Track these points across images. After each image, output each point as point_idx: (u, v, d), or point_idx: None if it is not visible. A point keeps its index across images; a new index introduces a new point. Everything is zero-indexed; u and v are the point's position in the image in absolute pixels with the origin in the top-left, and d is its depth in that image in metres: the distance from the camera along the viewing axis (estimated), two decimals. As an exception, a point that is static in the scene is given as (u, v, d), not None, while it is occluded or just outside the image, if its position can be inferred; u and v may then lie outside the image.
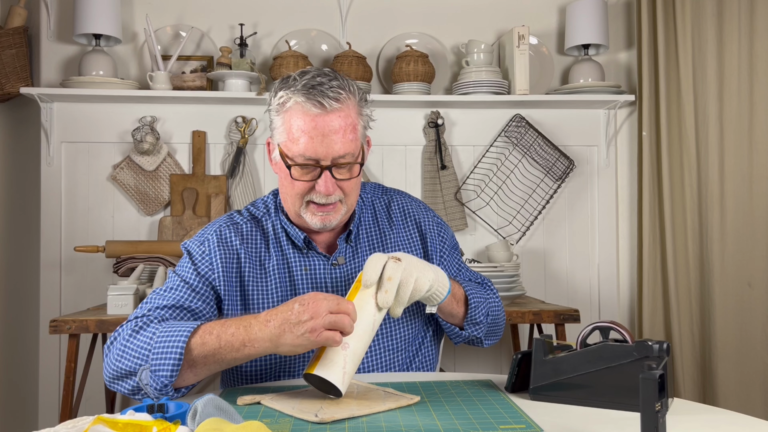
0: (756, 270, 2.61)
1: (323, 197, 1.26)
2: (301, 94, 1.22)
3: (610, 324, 1.08)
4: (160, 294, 1.28)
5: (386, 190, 1.49)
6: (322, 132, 1.22)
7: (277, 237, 1.36)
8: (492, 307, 1.42)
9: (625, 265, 2.98)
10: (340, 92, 1.23)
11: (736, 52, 2.67)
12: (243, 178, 2.81)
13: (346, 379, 1.07)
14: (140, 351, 1.14)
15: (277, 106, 1.27)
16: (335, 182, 1.26)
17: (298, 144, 1.23)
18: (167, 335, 1.12)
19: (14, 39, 2.64)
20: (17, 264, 2.80)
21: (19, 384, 2.78)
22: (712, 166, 2.67)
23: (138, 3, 2.84)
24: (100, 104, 2.76)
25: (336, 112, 1.23)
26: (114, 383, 1.18)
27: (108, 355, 1.20)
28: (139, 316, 1.23)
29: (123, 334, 1.19)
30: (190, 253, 1.34)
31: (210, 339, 1.12)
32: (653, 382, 0.81)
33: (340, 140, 1.23)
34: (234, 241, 1.34)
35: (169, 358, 1.10)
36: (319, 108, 1.21)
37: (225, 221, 1.37)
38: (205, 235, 1.35)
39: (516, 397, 1.12)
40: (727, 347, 2.62)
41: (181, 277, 1.30)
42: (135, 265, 2.41)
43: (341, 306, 1.07)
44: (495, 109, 2.91)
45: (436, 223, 1.48)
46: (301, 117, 1.23)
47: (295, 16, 2.90)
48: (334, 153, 1.23)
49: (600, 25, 2.80)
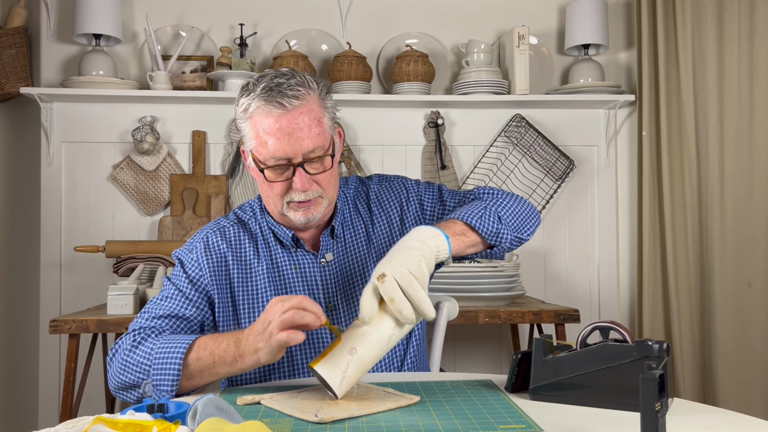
0: (756, 270, 2.61)
1: (301, 194, 1.28)
2: (261, 98, 1.24)
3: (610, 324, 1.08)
4: (157, 303, 1.32)
5: (363, 181, 1.49)
6: (288, 131, 1.23)
7: (265, 238, 1.38)
8: (499, 206, 1.33)
9: (625, 265, 2.98)
10: (299, 89, 1.24)
11: (736, 52, 2.66)
12: (243, 178, 2.81)
13: (345, 383, 1.06)
14: (141, 366, 1.20)
15: (241, 113, 1.28)
16: (310, 178, 1.27)
17: (267, 147, 1.24)
18: (165, 351, 1.17)
19: (14, 39, 2.64)
20: (17, 264, 2.80)
21: (19, 384, 2.78)
22: (712, 166, 2.67)
23: (138, 3, 2.84)
24: (100, 104, 2.76)
25: (298, 110, 1.24)
26: (119, 394, 1.25)
27: (111, 367, 1.25)
28: (137, 329, 1.27)
29: (123, 347, 1.23)
30: (181, 261, 1.37)
31: (204, 354, 1.16)
32: (653, 382, 0.81)
33: (306, 136, 1.24)
34: (221, 246, 1.36)
35: (168, 374, 1.15)
36: (281, 108, 1.23)
37: (212, 227, 1.40)
38: (193, 243, 1.38)
39: (516, 397, 1.12)
40: (727, 347, 2.62)
41: (176, 286, 1.34)
42: (135, 265, 2.41)
43: (293, 302, 1.07)
44: (495, 109, 2.91)
45: (406, 187, 1.45)
46: (264, 120, 1.24)
47: (295, 16, 2.90)
48: (303, 149, 1.24)
49: (600, 25, 2.80)
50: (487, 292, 2.32)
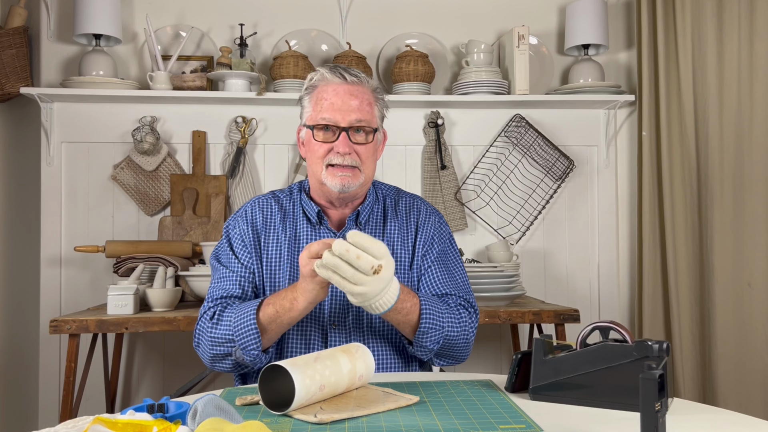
0: (756, 270, 2.61)
1: (340, 157, 1.42)
2: (326, 69, 1.45)
3: (610, 324, 1.08)
4: (216, 286, 1.48)
5: (399, 191, 1.61)
6: (342, 98, 1.43)
7: (295, 214, 1.52)
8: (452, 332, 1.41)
9: (625, 265, 2.98)
10: (359, 74, 1.46)
11: (736, 52, 2.66)
12: (243, 178, 2.81)
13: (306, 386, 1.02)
14: (226, 337, 1.36)
15: (307, 88, 1.48)
16: (351, 144, 1.42)
17: (322, 108, 1.43)
18: (240, 318, 1.35)
19: (14, 39, 2.64)
20: (17, 264, 2.80)
21: (19, 384, 2.78)
22: (712, 166, 2.67)
23: (138, 3, 2.84)
24: (100, 104, 2.76)
25: (355, 86, 1.45)
26: (215, 366, 1.42)
27: (200, 348, 1.43)
28: (207, 310, 1.43)
29: (205, 328, 1.40)
30: (229, 238, 1.52)
31: (269, 309, 1.34)
32: (653, 382, 0.81)
33: (357, 106, 1.43)
34: (257, 218, 1.52)
35: (250, 334, 1.33)
36: (341, 79, 1.44)
37: (251, 202, 1.56)
38: (236, 218, 1.54)
39: (516, 397, 1.12)
40: (727, 347, 2.62)
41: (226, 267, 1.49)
42: (135, 265, 2.41)
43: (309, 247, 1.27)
44: (495, 109, 2.91)
45: (436, 228, 1.55)
46: (325, 87, 1.44)
47: (295, 16, 2.90)
48: (351, 117, 1.42)
49: (600, 25, 2.80)
50: (487, 292, 2.32)
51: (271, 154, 2.85)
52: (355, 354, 1.14)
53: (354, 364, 1.12)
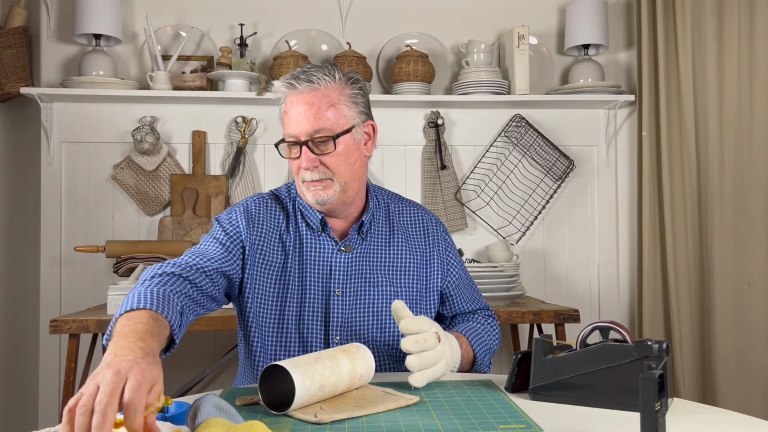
0: (756, 270, 2.61)
1: (306, 173, 1.36)
2: (282, 81, 1.37)
3: (610, 324, 1.08)
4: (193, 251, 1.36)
5: (402, 199, 1.57)
6: (297, 109, 1.35)
7: (296, 216, 1.46)
8: (494, 346, 1.51)
9: (625, 265, 2.98)
10: (316, 75, 1.35)
11: (736, 52, 2.67)
12: (243, 178, 2.81)
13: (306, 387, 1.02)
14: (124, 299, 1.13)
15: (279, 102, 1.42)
16: (315, 158, 1.35)
17: (286, 124, 1.37)
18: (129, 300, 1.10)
19: (14, 39, 2.64)
20: (17, 264, 2.80)
21: (19, 384, 2.78)
22: (712, 166, 2.67)
23: (138, 3, 2.84)
24: (100, 104, 2.76)
25: (309, 92, 1.34)
26: None
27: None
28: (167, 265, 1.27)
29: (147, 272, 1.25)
30: (219, 221, 1.45)
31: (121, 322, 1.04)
32: (653, 382, 0.81)
33: (313, 115, 1.33)
34: (260, 212, 1.45)
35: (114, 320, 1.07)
36: (293, 89, 1.35)
37: (252, 198, 1.50)
38: (233, 208, 1.47)
39: (516, 397, 1.12)
40: (727, 347, 2.62)
41: (212, 236, 1.41)
42: (135, 265, 2.41)
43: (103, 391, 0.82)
44: (495, 109, 2.91)
45: (446, 242, 1.55)
46: (287, 100, 1.37)
47: (295, 16, 2.90)
48: (307, 128, 1.33)
49: (600, 25, 2.80)
50: (487, 292, 2.32)
51: (271, 154, 2.85)
52: (355, 354, 1.14)
53: (354, 364, 1.12)
